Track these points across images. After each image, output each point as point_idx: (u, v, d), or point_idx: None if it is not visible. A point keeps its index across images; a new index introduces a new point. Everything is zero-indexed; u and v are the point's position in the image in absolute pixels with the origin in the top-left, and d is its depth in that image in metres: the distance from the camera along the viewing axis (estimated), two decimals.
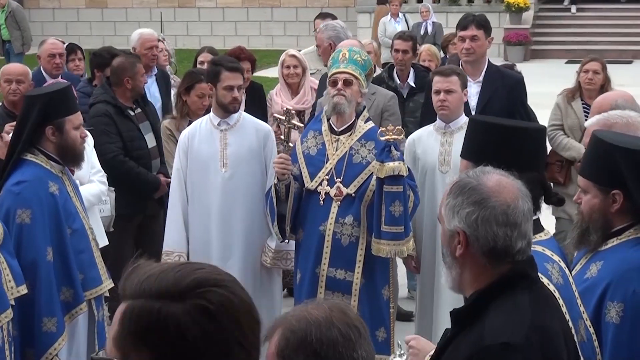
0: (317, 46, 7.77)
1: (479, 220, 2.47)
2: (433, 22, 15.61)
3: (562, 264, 3.00)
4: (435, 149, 5.40)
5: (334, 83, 5.11)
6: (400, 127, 5.05)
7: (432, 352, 2.71)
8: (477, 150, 3.14)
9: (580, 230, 3.29)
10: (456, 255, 2.51)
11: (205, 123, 5.58)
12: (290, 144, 5.15)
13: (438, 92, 5.38)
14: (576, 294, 3.01)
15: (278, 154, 5.20)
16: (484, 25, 6.12)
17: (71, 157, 4.75)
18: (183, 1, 24.15)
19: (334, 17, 8.33)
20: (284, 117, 5.18)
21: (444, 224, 2.54)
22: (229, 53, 6.79)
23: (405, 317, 6.69)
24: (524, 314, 2.44)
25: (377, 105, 6.12)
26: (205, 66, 6.84)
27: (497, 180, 2.53)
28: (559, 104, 7.02)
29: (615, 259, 3.21)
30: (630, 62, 18.20)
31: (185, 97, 6.36)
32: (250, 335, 1.58)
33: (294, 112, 5.17)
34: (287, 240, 5.27)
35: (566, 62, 19.24)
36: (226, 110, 5.50)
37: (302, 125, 5.21)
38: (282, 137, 5.17)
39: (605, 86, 6.84)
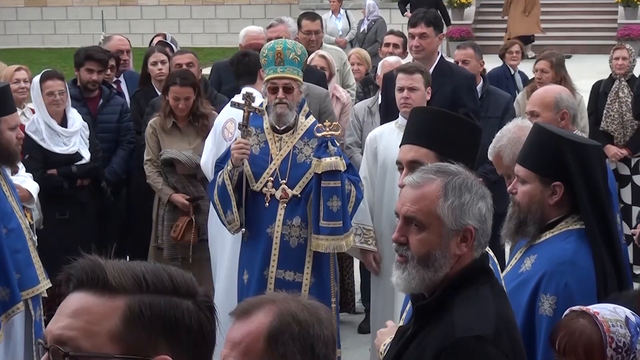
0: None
1: (487, 213, 2.49)
2: (375, 20, 15.54)
3: (491, 252, 3.04)
4: (397, 145, 5.35)
5: (274, 90, 4.99)
6: (337, 122, 5.04)
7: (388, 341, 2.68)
8: (418, 134, 3.17)
9: (518, 221, 3.31)
10: (455, 253, 2.47)
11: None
12: (250, 129, 5.03)
13: (402, 89, 5.33)
14: (503, 283, 3.03)
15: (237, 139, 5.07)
16: (434, 22, 6.11)
17: (5, 157, 4.71)
18: None
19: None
20: (243, 102, 5.02)
21: (441, 227, 2.46)
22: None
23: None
24: (489, 307, 2.45)
25: (314, 110, 5.92)
26: (158, 66, 6.73)
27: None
28: (519, 100, 7.15)
29: (548, 252, 3.25)
30: (569, 57, 18.46)
31: (166, 97, 6.17)
32: None
33: (254, 95, 5.04)
34: (244, 229, 5.15)
35: None
36: None
37: (263, 109, 5.06)
38: (242, 121, 5.03)
39: (559, 83, 6.94)
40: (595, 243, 3.24)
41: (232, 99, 5.33)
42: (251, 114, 5.02)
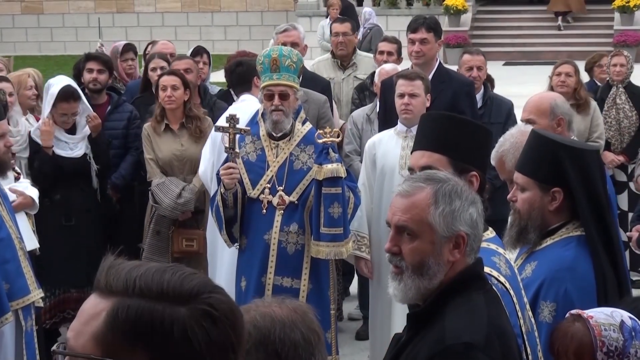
0: (331, 52, 7.63)
1: (478, 218, 2.49)
2: (370, 28, 15.45)
3: (508, 256, 3.03)
4: (396, 152, 5.36)
5: (270, 97, 5.00)
6: (337, 129, 5.04)
7: None
8: (429, 139, 3.16)
9: (519, 228, 3.30)
10: (449, 260, 2.46)
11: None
12: (237, 151, 5.00)
13: (402, 95, 5.34)
14: (521, 285, 3.04)
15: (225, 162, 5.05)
16: (434, 28, 6.11)
17: None
18: (122, 6, 23.90)
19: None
20: (227, 124, 4.98)
21: (434, 234, 2.45)
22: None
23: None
24: (481, 314, 2.43)
25: (312, 116, 5.95)
26: (157, 72, 6.66)
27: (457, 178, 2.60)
28: None
29: (548, 259, 3.24)
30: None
31: (158, 99, 6.15)
32: (242, 341, 1.56)
33: (237, 117, 5.01)
34: (236, 245, 5.19)
35: (504, 64, 19.48)
36: None
37: (248, 128, 5.04)
38: (228, 144, 4.99)
39: (578, 89, 6.95)
40: (595, 249, 3.22)
41: (216, 123, 5.29)
42: (237, 135, 5.00)
